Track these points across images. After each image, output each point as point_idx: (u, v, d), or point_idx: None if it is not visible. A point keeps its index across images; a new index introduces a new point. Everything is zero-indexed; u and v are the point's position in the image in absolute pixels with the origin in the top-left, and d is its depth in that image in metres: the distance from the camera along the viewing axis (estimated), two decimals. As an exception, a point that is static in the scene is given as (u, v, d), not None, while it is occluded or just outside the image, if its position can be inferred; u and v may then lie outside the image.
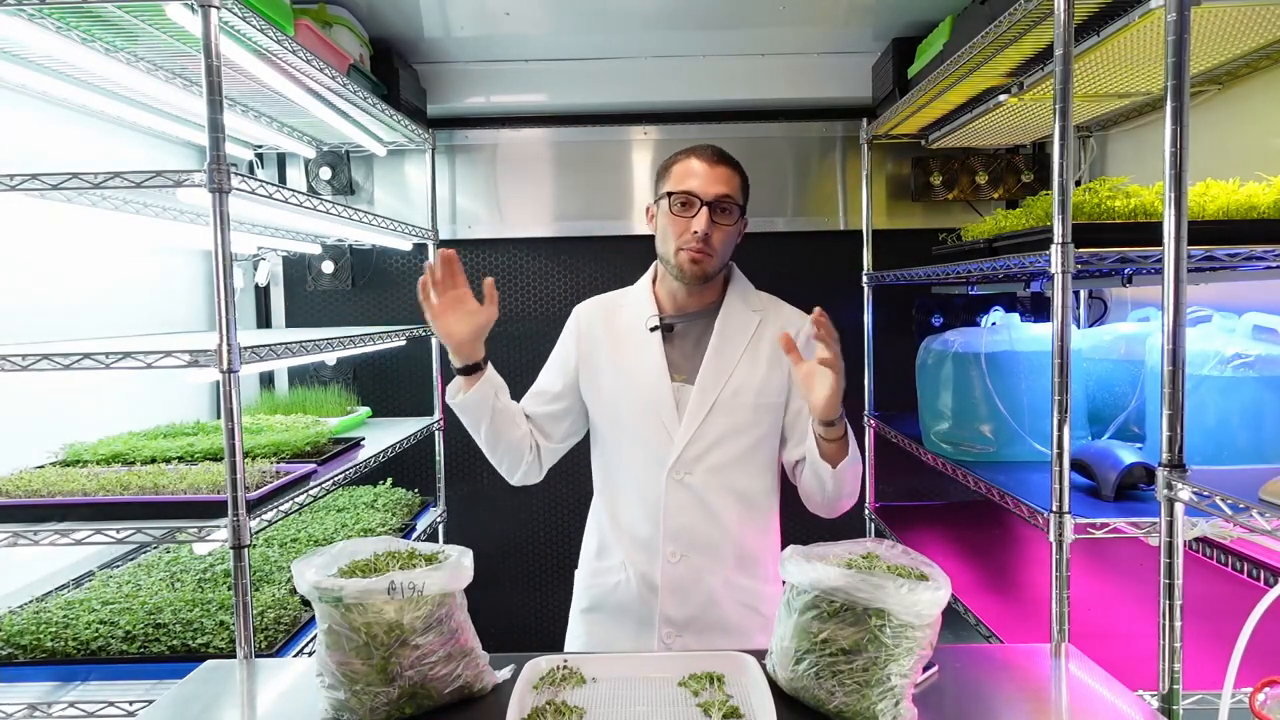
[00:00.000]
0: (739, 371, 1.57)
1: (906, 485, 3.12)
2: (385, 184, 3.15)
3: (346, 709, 1.07)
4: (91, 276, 2.28)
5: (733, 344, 1.58)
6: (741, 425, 1.56)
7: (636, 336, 1.61)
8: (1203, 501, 1.14)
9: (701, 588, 1.56)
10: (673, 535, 1.55)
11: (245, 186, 1.55)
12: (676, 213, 1.53)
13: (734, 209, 1.55)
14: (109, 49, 1.82)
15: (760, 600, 1.60)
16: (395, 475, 2.96)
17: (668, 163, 1.59)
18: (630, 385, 1.59)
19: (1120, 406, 2.02)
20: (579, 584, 1.69)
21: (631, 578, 1.58)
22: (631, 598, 1.58)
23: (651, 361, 1.58)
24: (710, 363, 1.57)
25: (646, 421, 1.57)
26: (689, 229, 1.51)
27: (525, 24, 2.64)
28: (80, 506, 1.60)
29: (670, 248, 1.55)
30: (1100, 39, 1.74)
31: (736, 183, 1.56)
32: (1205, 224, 1.54)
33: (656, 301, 1.63)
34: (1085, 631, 1.74)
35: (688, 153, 1.57)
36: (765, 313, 1.63)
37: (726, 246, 1.56)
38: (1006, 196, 3.00)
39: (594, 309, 1.70)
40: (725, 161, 1.56)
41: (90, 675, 1.63)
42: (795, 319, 1.64)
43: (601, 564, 1.64)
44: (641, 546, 1.58)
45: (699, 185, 1.52)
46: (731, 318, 1.61)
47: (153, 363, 1.52)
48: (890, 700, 1.03)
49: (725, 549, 1.57)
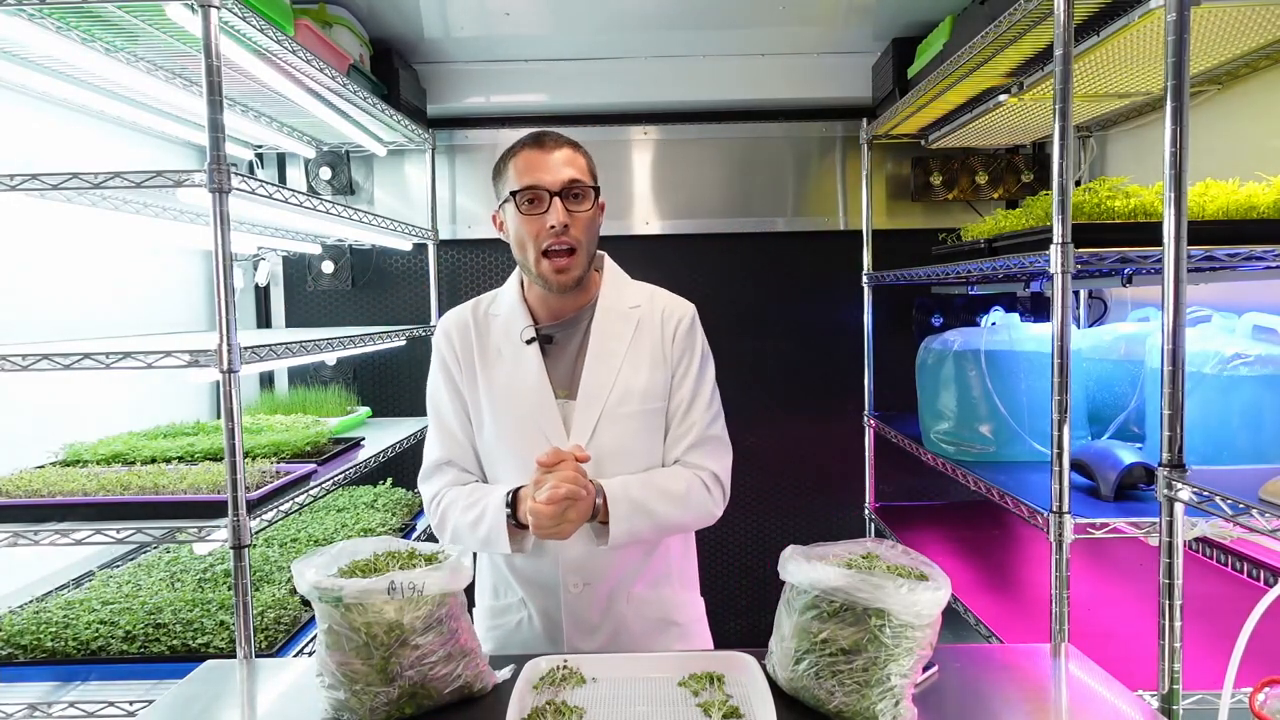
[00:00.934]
0: (621, 378, 1.44)
1: (906, 485, 3.12)
2: (385, 184, 3.15)
3: (346, 709, 1.07)
4: (91, 276, 2.28)
5: (612, 349, 1.45)
6: (632, 433, 1.44)
7: (511, 351, 1.46)
8: (1203, 501, 1.14)
9: (610, 614, 1.45)
10: (573, 565, 1.43)
11: (245, 186, 1.56)
12: (526, 212, 1.38)
13: (587, 192, 1.41)
14: (109, 49, 1.83)
15: (673, 608, 1.50)
16: (395, 475, 2.96)
17: (501, 161, 1.44)
18: (512, 406, 1.44)
19: (1120, 406, 2.02)
20: (479, 625, 1.53)
21: (533, 614, 1.46)
22: (535, 636, 1.47)
23: (531, 378, 1.44)
24: (591, 373, 1.44)
25: (532, 443, 1.38)
26: (544, 226, 1.37)
27: (525, 24, 2.64)
28: (80, 506, 1.60)
29: (531, 255, 1.40)
30: (1100, 39, 1.74)
31: (583, 163, 1.43)
32: (1205, 224, 1.54)
33: (529, 310, 1.49)
34: (1085, 631, 1.74)
35: (519, 145, 1.43)
36: (642, 308, 1.50)
37: (589, 236, 1.42)
38: (1006, 196, 3.00)
39: (462, 321, 1.53)
40: (563, 143, 1.42)
41: (90, 675, 1.63)
42: (676, 308, 1.51)
43: (499, 603, 1.51)
44: (539, 581, 1.45)
45: (544, 177, 1.38)
46: (608, 320, 1.47)
47: (153, 363, 1.52)
48: (890, 700, 1.03)
49: (627, 568, 1.45)
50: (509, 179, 1.42)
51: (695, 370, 1.49)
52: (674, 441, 1.48)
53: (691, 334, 1.50)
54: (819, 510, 3.10)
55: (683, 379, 1.48)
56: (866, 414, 2.98)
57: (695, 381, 1.49)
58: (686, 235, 3.06)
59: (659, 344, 1.48)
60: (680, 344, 1.49)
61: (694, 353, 1.49)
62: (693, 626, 1.54)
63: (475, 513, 1.39)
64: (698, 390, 1.49)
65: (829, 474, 3.13)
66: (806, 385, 3.13)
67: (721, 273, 3.09)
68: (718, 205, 3.10)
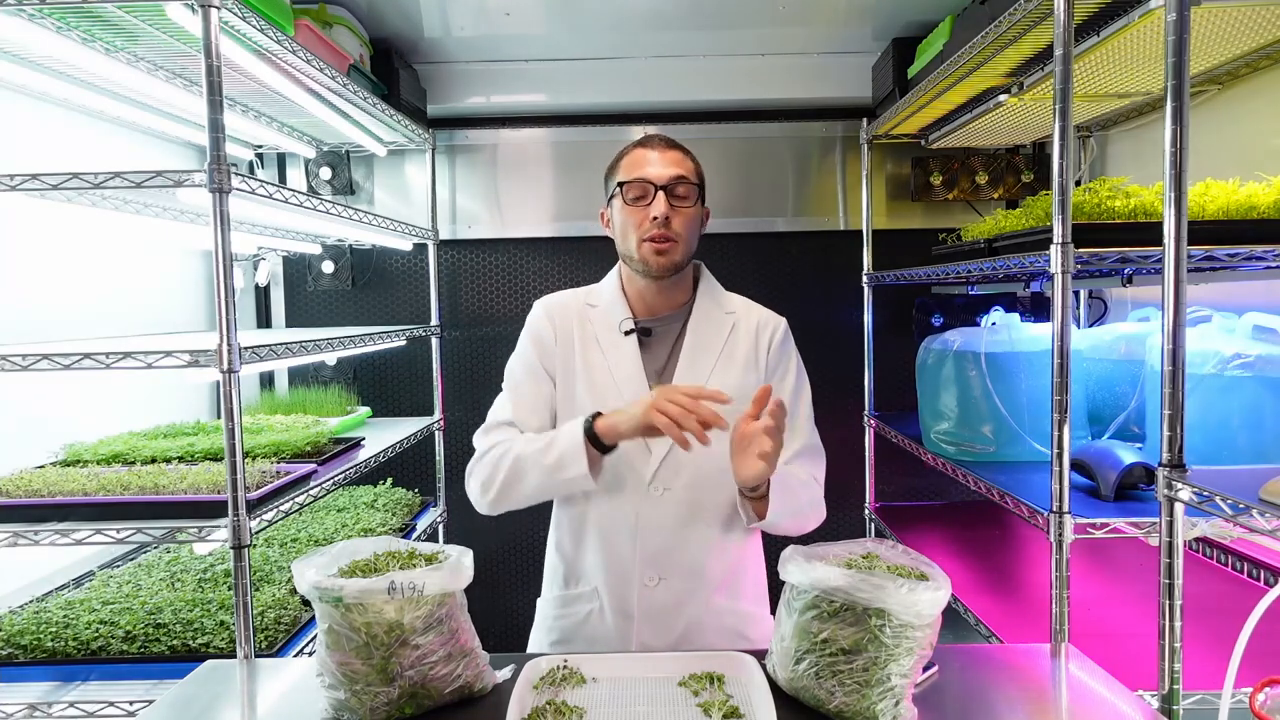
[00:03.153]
0: (715, 376, 1.47)
1: (906, 485, 3.12)
2: (385, 184, 3.15)
3: (346, 709, 1.07)
4: (91, 276, 2.28)
5: (707, 347, 1.50)
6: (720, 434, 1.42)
7: (610, 340, 1.50)
8: (1203, 501, 1.14)
9: (682, 614, 1.45)
10: (650, 558, 1.44)
11: (245, 186, 1.55)
12: (631, 204, 1.45)
13: (692, 191, 1.46)
14: (109, 49, 1.82)
15: (746, 624, 1.50)
16: (395, 475, 2.96)
17: (614, 160, 1.51)
18: (607, 395, 1.46)
19: (1120, 406, 2.02)
20: (543, 614, 1.55)
21: (605, 607, 1.46)
22: (606, 629, 1.46)
23: (629, 368, 1.47)
24: (685, 368, 1.48)
25: None
26: (647, 217, 1.43)
27: (525, 24, 2.64)
28: (80, 506, 1.60)
29: (632, 242, 1.45)
30: (1100, 39, 1.74)
31: (690, 165, 1.49)
32: (1205, 224, 1.54)
33: (628, 304, 1.53)
34: (1085, 631, 1.74)
35: (634, 145, 1.50)
36: (738, 314, 1.55)
37: (690, 232, 1.47)
38: (1006, 196, 3.00)
39: (564, 306, 1.56)
40: (675, 146, 1.49)
41: (90, 675, 1.63)
42: (770, 319, 1.56)
43: (570, 593, 1.51)
44: (615, 572, 1.46)
45: (651, 171, 1.44)
46: (704, 320, 1.52)
47: (153, 363, 1.52)
48: (890, 700, 1.03)
49: (707, 570, 1.46)
50: (619, 172, 1.48)
51: (793, 380, 1.54)
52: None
53: (786, 344, 1.55)
54: (819, 510, 3.10)
55: (781, 388, 1.51)
56: (866, 414, 2.98)
57: (795, 391, 1.53)
58: (686, 235, 3.07)
59: (753, 350, 1.52)
60: (776, 353, 1.53)
61: (790, 362, 1.55)
62: (763, 644, 1.51)
63: (545, 439, 1.40)
64: (798, 401, 1.53)
65: (829, 474, 3.11)
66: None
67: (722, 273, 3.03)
68: (718, 205, 3.06)
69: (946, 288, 3.01)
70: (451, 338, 3.15)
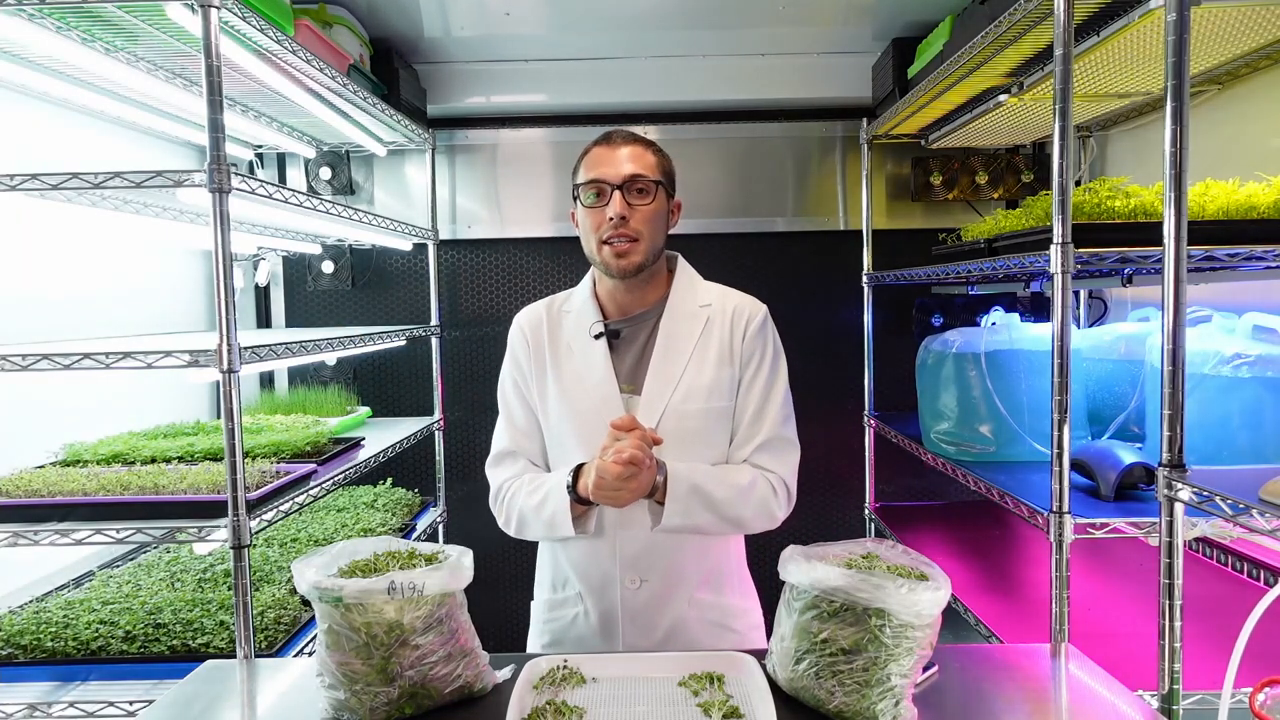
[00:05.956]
0: (687, 375, 1.45)
1: (906, 485, 3.12)
2: (385, 184, 3.15)
3: (346, 709, 1.07)
4: (91, 276, 2.28)
5: (678, 347, 1.47)
6: (694, 432, 1.44)
7: (581, 345, 1.49)
8: (1203, 501, 1.14)
9: (666, 613, 1.45)
10: (630, 562, 1.44)
11: (245, 186, 1.55)
12: (589, 205, 1.43)
13: (650, 187, 1.43)
14: (109, 49, 1.82)
15: (731, 616, 1.51)
16: (395, 475, 2.96)
17: (577, 160, 1.49)
18: (577, 399, 1.47)
19: (1120, 406, 2.02)
20: (535, 617, 1.57)
21: (590, 610, 1.48)
22: (591, 632, 1.47)
23: (598, 372, 1.46)
24: (656, 368, 1.46)
25: (596, 436, 1.38)
26: (604, 218, 1.41)
27: (525, 24, 2.64)
28: (80, 506, 1.60)
29: (592, 244, 1.44)
30: (1100, 39, 1.74)
31: (650, 160, 1.45)
32: (1205, 224, 1.54)
33: (599, 306, 1.52)
34: (1085, 631, 1.74)
35: (593, 143, 1.48)
36: (713, 306, 1.52)
37: (652, 229, 1.44)
38: (1006, 196, 3.00)
39: (535, 317, 1.56)
40: (632, 141, 1.46)
41: (90, 675, 1.63)
42: (746, 307, 1.52)
43: (556, 597, 1.53)
44: (597, 576, 1.46)
45: (607, 171, 1.42)
46: (677, 318, 1.49)
47: (153, 363, 1.52)
48: (890, 700, 1.03)
49: (688, 568, 1.46)
50: (578, 174, 1.47)
51: (766, 370, 1.49)
52: (743, 441, 1.48)
53: (762, 333, 1.51)
54: (819, 510, 3.10)
55: (753, 379, 1.49)
56: (867, 414, 2.98)
57: (766, 382, 1.49)
58: (686, 235, 3.05)
59: (727, 342, 1.49)
60: (750, 343, 1.49)
61: (765, 352, 1.50)
62: (750, 634, 1.53)
63: (539, 495, 1.43)
64: (769, 391, 1.49)
65: (829, 474, 3.13)
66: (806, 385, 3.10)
67: (722, 273, 3.03)
68: (718, 205, 3.10)
69: (946, 288, 3.01)
70: (451, 338, 3.15)
